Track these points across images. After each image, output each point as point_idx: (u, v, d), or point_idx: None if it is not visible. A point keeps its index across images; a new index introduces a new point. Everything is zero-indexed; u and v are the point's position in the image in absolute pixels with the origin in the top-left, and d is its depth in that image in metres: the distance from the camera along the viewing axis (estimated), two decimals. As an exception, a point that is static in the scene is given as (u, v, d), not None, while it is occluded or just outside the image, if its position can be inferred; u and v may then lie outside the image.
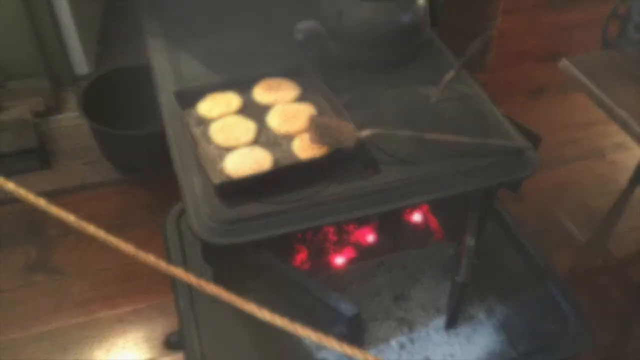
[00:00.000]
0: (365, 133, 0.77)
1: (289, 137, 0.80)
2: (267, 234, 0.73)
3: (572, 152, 1.70)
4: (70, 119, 1.69)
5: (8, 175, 0.61)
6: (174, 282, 0.95)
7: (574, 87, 1.24)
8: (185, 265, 0.99)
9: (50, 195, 0.61)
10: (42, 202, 0.60)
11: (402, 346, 0.89)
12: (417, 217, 1.02)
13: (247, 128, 0.81)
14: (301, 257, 0.97)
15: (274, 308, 0.61)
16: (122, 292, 1.31)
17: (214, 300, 0.62)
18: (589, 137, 1.74)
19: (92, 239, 0.61)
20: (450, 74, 0.88)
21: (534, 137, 0.83)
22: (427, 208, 1.02)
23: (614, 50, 1.26)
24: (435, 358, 0.88)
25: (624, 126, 1.12)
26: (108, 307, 1.30)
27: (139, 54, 1.01)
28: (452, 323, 0.91)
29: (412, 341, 0.89)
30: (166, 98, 0.86)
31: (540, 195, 1.51)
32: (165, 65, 0.92)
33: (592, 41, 1.48)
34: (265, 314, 0.62)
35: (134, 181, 1.56)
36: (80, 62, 1.72)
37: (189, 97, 0.84)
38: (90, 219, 0.60)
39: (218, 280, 0.85)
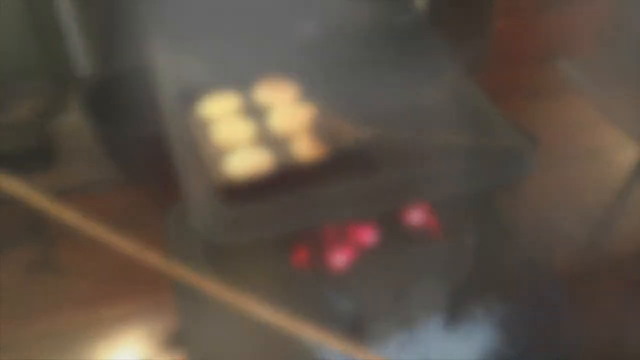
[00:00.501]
0: (365, 133, 0.77)
1: (289, 137, 0.80)
2: (267, 234, 0.73)
3: (569, 152, 1.70)
4: (73, 119, 1.69)
5: (9, 174, 0.62)
6: (174, 282, 0.95)
7: (572, 87, 1.25)
8: (186, 264, 0.99)
9: (52, 195, 0.62)
10: (43, 202, 0.61)
11: (401, 345, 0.89)
12: (416, 216, 1.02)
13: (247, 128, 0.81)
14: (301, 256, 0.97)
15: (275, 307, 0.61)
16: (123, 291, 1.32)
17: (215, 299, 0.63)
18: (586, 137, 1.74)
19: (94, 239, 0.62)
20: (449, 74, 0.88)
21: (531, 138, 0.83)
22: (426, 208, 1.02)
23: (612, 51, 1.27)
24: (434, 357, 0.88)
25: (622, 126, 1.12)
26: (109, 306, 1.30)
27: (142, 55, 1.01)
28: (451, 322, 0.91)
29: (411, 340, 0.90)
30: (167, 98, 0.86)
31: (538, 195, 1.51)
32: (166, 65, 0.93)
33: (590, 42, 1.49)
34: (265, 313, 0.62)
35: (135, 181, 1.56)
36: (83, 62, 1.72)
37: (190, 97, 0.85)
38: (92, 218, 0.61)
39: (218, 279, 0.85)
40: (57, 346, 1.26)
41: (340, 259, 1.00)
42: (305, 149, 0.78)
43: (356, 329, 0.86)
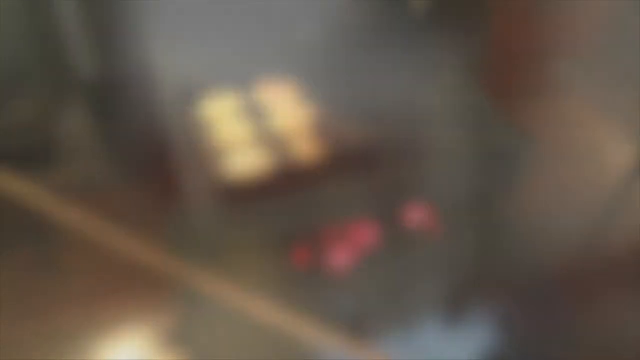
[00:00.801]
0: (364, 133, 0.77)
1: (289, 137, 0.80)
2: (267, 234, 0.73)
3: (569, 152, 1.70)
4: (73, 119, 1.69)
5: (11, 175, 0.62)
6: (174, 281, 0.95)
7: (572, 87, 1.25)
8: (186, 264, 0.99)
9: (53, 195, 0.62)
10: (43, 202, 0.61)
11: (401, 345, 0.89)
12: (416, 216, 1.02)
13: (247, 128, 0.81)
14: (301, 256, 0.97)
15: (275, 307, 0.61)
16: (123, 291, 1.32)
17: (215, 299, 0.63)
18: (586, 137, 1.74)
19: (94, 238, 0.62)
20: (449, 73, 0.88)
21: (531, 137, 0.84)
22: (426, 208, 1.02)
23: (612, 51, 1.27)
24: (434, 357, 0.88)
25: (621, 126, 1.13)
26: (108, 306, 1.31)
27: (142, 55, 1.02)
28: (451, 322, 0.91)
29: (411, 340, 0.90)
30: (166, 98, 0.86)
31: (537, 194, 1.51)
32: (166, 65, 0.93)
33: (589, 41, 1.49)
34: (266, 313, 0.62)
35: (136, 181, 1.57)
36: (84, 62, 1.73)
37: (189, 97, 0.85)
38: (92, 218, 0.61)
39: (218, 279, 0.86)
40: (57, 346, 1.26)
41: (340, 259, 1.00)
42: (305, 149, 0.78)
43: (356, 329, 0.86)
